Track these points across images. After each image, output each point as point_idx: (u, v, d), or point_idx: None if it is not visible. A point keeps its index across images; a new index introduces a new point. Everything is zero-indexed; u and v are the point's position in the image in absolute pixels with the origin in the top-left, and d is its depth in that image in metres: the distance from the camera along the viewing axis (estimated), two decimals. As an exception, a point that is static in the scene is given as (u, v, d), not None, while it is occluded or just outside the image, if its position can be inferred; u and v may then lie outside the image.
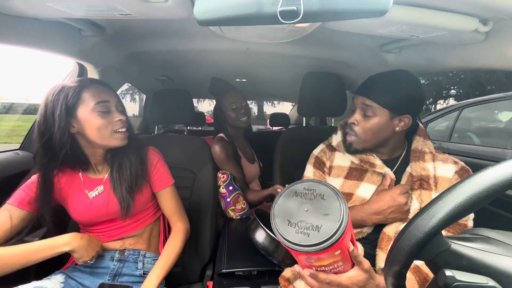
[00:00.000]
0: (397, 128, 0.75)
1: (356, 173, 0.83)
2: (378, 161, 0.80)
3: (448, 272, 0.31)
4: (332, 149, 0.91)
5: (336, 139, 0.90)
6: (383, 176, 0.78)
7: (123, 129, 0.80)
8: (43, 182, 0.74)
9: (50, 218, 0.76)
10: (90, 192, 0.82)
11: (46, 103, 0.72)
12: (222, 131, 1.45)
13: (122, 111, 0.81)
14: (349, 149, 0.82)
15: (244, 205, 1.29)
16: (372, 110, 0.74)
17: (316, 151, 0.94)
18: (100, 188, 0.82)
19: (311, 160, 0.93)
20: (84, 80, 0.77)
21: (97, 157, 0.82)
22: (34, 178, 0.77)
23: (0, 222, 0.72)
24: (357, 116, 0.78)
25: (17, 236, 0.76)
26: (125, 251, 0.86)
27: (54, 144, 0.72)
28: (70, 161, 0.76)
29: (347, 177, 0.83)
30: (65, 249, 0.72)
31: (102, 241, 0.84)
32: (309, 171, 0.92)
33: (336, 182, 0.85)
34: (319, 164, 0.90)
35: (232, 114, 1.39)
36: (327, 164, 0.89)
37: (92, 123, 0.74)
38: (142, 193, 0.86)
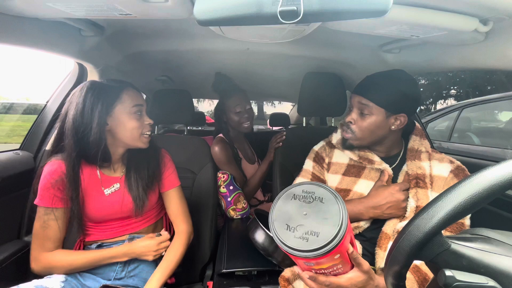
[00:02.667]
0: (393, 127, 0.77)
1: (354, 170, 0.83)
2: (376, 158, 0.81)
3: (448, 272, 0.31)
4: (331, 146, 0.92)
5: (336, 137, 0.91)
6: (381, 172, 0.79)
7: (149, 132, 0.84)
8: (73, 176, 0.75)
9: (79, 211, 0.77)
10: (106, 189, 0.83)
11: (85, 98, 0.73)
12: (222, 131, 1.44)
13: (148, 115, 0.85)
14: (345, 143, 0.84)
15: (245, 204, 1.29)
16: (369, 109, 0.76)
17: (316, 147, 0.95)
18: (116, 185, 0.84)
19: (311, 155, 0.94)
20: (123, 82, 0.82)
21: (116, 155, 0.84)
22: (55, 175, 0.75)
23: (52, 228, 0.75)
24: (354, 115, 0.79)
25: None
26: (134, 237, 0.86)
27: (88, 140, 0.73)
28: (95, 158, 0.77)
29: (345, 173, 0.84)
30: (125, 259, 0.81)
31: (107, 238, 0.85)
32: (309, 164, 0.92)
33: (334, 178, 0.85)
34: (319, 159, 0.91)
35: (235, 118, 1.37)
36: (326, 160, 0.90)
37: (127, 124, 0.78)
38: (154, 193, 0.89)
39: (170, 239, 0.88)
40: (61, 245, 0.79)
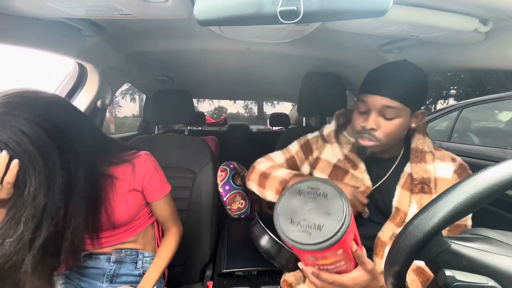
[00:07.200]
0: (413, 125, 0.71)
1: (339, 172, 0.81)
2: (362, 165, 0.78)
3: (448, 272, 0.31)
4: (323, 139, 0.88)
5: (328, 128, 0.88)
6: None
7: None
8: None
9: None
10: None
11: None
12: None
13: None
14: (363, 152, 0.75)
15: (241, 205, 1.29)
16: (395, 111, 0.66)
17: (310, 135, 0.91)
18: None
19: (302, 140, 0.90)
20: None
21: None
22: None
23: None
24: (377, 119, 0.68)
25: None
26: (122, 251, 0.82)
27: None
28: None
29: (331, 175, 0.82)
30: None
31: (92, 248, 0.78)
32: (294, 147, 0.90)
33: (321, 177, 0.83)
34: (306, 148, 0.88)
35: None
36: (315, 154, 0.87)
37: None
38: (129, 205, 0.76)
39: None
40: None
